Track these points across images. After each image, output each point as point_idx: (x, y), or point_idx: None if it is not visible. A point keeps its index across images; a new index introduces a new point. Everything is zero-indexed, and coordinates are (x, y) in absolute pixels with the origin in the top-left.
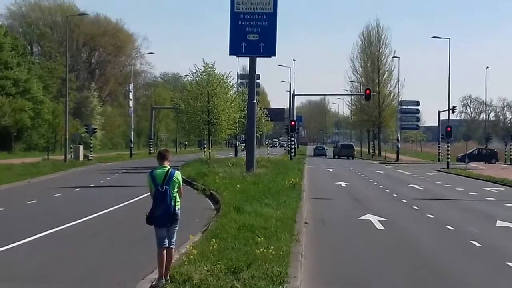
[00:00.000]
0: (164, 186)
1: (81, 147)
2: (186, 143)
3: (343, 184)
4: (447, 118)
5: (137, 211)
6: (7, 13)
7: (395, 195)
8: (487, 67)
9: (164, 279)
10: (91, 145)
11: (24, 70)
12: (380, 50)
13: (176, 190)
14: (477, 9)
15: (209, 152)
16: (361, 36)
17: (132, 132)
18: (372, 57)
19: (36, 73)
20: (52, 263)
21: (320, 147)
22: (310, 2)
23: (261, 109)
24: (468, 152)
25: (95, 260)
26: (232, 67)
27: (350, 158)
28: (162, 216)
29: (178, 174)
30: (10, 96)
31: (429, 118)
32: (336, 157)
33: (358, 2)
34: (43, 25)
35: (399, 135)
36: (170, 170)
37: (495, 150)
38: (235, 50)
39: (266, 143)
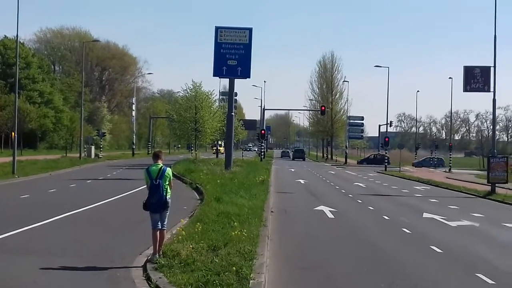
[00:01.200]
0: (158, 180)
1: (93, 147)
2: (179, 146)
3: (302, 181)
4: (385, 130)
5: (136, 200)
6: (35, 39)
7: (343, 191)
8: (418, 91)
9: (157, 255)
10: (101, 146)
11: (48, 84)
12: (333, 75)
13: (167, 183)
14: (412, 43)
15: (195, 154)
16: (318, 64)
17: (134, 136)
18: (327, 80)
19: (58, 87)
20: (68, 240)
21: (286, 151)
22: (279, 35)
23: (237, 120)
24: (366, 157)
25: (102, 238)
26: (215, 85)
27: (302, 160)
28: (156, 203)
29: (169, 170)
30: (36, 104)
31: (371, 130)
32: (294, 159)
33: (317, 35)
34: (64, 48)
35: (347, 143)
36: (162, 167)
37: (386, 155)
38: (218, 72)
39: (241, 147)
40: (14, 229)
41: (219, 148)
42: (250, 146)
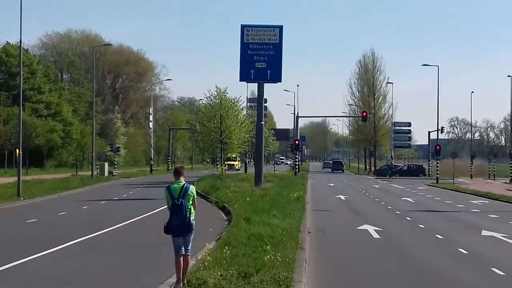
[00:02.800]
0: (180, 199)
1: (106, 164)
2: (208, 160)
3: (342, 197)
4: (436, 137)
5: (156, 222)
6: (40, 44)
7: (389, 207)
8: (472, 92)
9: (181, 283)
10: (115, 162)
11: (55, 95)
12: (375, 77)
13: (191, 202)
14: (465, 38)
15: (222, 168)
16: (358, 64)
17: (152, 150)
18: (368, 83)
19: (66, 97)
20: (82, 268)
21: (328, 162)
22: (313, 33)
23: (268, 130)
24: (396, 168)
25: (120, 266)
26: (242, 92)
27: (341, 172)
28: (178, 226)
29: (192, 188)
30: (43, 117)
31: (419, 137)
32: (333, 171)
33: (355, 33)
34: (72, 54)
35: (392, 153)
36: (185, 185)
37: (422, 165)
38: (245, 76)
39: (272, 160)
40: (23, 257)
41: (234, 163)
42: (283, 159)
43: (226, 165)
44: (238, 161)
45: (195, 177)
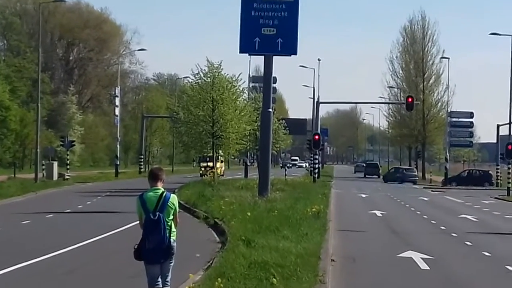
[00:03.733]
0: (157, 213)
1: (55, 163)
2: (195, 159)
3: (378, 213)
4: (508, 133)
5: (123, 244)
6: None
7: (442, 227)
8: None
9: None
10: (68, 162)
11: None
12: (426, 49)
13: (171, 218)
14: None
15: (213, 172)
16: (403, 32)
17: (118, 146)
18: (415, 57)
19: (1, 72)
20: None
21: (360, 164)
22: None
23: (278, 120)
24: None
25: None
26: (243, 67)
27: (376, 177)
28: (154, 249)
29: (174, 199)
30: None
31: (485, 133)
32: (366, 176)
33: None
34: (10, 13)
35: (447, 154)
36: (164, 194)
37: (489, 171)
38: (246, 47)
39: (282, 164)
40: None
41: (212, 165)
42: (295, 160)
43: (202, 168)
44: (222, 162)
45: (177, 183)
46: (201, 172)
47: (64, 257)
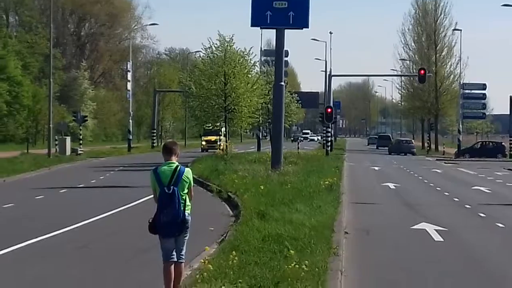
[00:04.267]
0: (172, 187)
1: (68, 139)
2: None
3: (391, 185)
4: None
5: (137, 218)
6: None
7: (456, 199)
8: None
9: None
10: (81, 137)
11: None
12: (438, 21)
13: (185, 191)
14: None
15: (226, 145)
16: (415, 4)
17: (130, 120)
18: (427, 29)
19: (13, 48)
20: (37, 280)
21: (373, 137)
22: None
23: (290, 93)
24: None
25: (87, 277)
26: (254, 41)
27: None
28: (168, 223)
29: (188, 172)
30: None
31: (498, 105)
32: (379, 147)
33: None
34: None
35: (460, 126)
36: (179, 167)
37: (502, 143)
38: (258, 20)
39: (292, 138)
40: None
41: (217, 139)
42: (307, 134)
43: (204, 142)
44: (224, 135)
45: (190, 157)
46: (202, 146)
47: (77, 231)
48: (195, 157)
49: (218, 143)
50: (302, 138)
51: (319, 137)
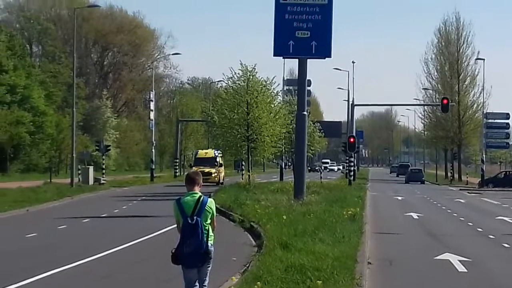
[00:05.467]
0: (195, 217)
1: (91, 168)
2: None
3: (414, 215)
4: None
5: (160, 248)
6: (1, 5)
7: (479, 229)
8: None
9: None
10: (104, 166)
11: (21, 74)
12: (461, 51)
13: (209, 222)
14: None
15: (249, 175)
16: (437, 33)
17: (153, 150)
18: (450, 59)
19: (37, 78)
20: None
21: (416, 169)
22: None
23: (313, 123)
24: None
25: None
26: (277, 70)
27: (420, 183)
28: (192, 254)
29: (211, 203)
30: (5, 105)
31: None
32: (409, 182)
33: None
34: (45, 19)
35: (484, 155)
36: (202, 198)
37: None
38: (281, 50)
39: (310, 167)
40: None
41: (211, 171)
42: (327, 163)
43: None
44: (220, 165)
45: (212, 186)
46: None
47: (100, 261)
48: (218, 187)
49: (213, 175)
50: (321, 168)
51: (340, 167)
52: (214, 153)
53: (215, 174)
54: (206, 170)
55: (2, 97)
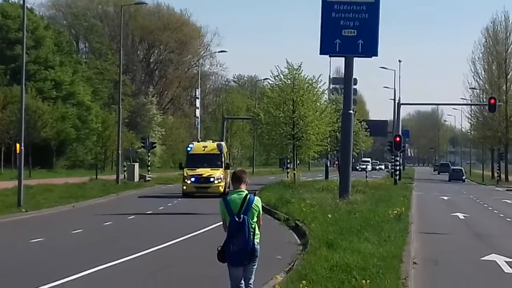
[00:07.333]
0: (242, 215)
1: (136, 165)
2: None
3: (461, 215)
4: None
5: (206, 245)
6: (49, 2)
7: None
8: None
9: None
10: (149, 163)
11: (68, 71)
12: (509, 50)
13: (255, 220)
14: None
15: (294, 174)
16: (485, 32)
17: None
18: (498, 58)
19: (83, 74)
20: None
21: (458, 169)
22: None
23: (358, 121)
24: None
25: None
26: (323, 69)
27: (461, 181)
28: (238, 252)
29: (258, 201)
30: (51, 101)
31: None
32: (451, 180)
33: None
34: (92, 16)
35: None
36: (248, 196)
37: None
38: (327, 48)
39: (358, 165)
40: None
41: (212, 174)
42: (367, 162)
43: (188, 181)
44: (227, 166)
45: (257, 184)
46: (183, 186)
47: (146, 258)
48: (263, 185)
49: (216, 182)
50: (362, 167)
51: (383, 166)
52: (218, 147)
53: (219, 181)
54: (205, 174)
55: (47, 93)
